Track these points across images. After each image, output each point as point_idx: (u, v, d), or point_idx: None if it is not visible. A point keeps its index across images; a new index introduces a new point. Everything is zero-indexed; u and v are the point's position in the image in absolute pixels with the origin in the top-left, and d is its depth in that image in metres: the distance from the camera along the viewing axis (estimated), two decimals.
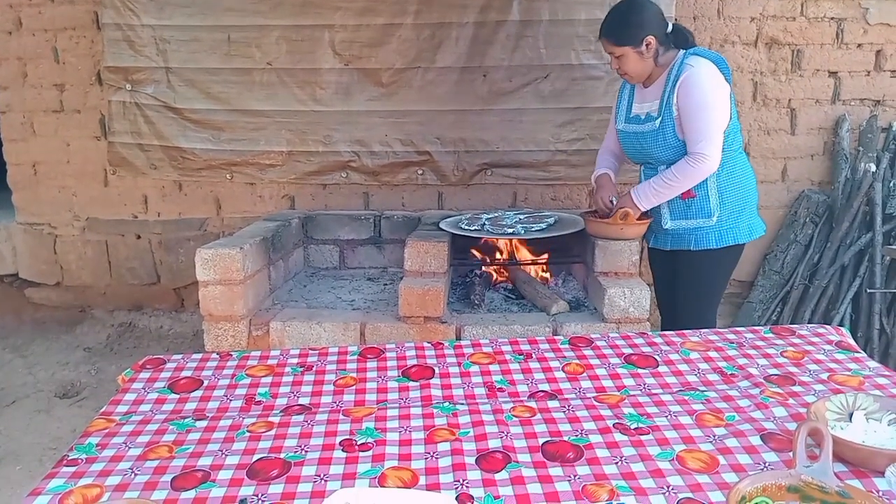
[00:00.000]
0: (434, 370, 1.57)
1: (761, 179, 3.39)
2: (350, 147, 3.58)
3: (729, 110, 2.27)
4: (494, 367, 1.58)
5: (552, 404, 1.39)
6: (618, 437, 1.25)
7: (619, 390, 1.45)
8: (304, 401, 1.44)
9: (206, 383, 1.52)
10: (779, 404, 1.35)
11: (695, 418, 1.31)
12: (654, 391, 1.44)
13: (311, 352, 1.68)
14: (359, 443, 1.25)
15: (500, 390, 1.46)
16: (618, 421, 1.31)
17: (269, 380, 1.54)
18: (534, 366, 1.58)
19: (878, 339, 3.28)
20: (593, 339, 1.72)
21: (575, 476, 1.12)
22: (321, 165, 3.61)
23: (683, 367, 1.55)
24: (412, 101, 3.50)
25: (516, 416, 1.34)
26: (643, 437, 1.24)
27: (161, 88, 3.56)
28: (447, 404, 1.40)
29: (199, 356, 1.66)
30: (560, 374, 1.53)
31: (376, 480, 1.13)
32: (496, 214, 3.08)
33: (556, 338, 1.75)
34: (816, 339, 1.69)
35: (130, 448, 1.25)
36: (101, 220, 3.88)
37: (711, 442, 1.22)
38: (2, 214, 4.05)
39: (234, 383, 1.52)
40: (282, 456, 1.21)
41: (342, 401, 1.43)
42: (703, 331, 1.77)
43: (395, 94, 3.50)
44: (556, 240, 2.90)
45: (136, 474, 1.16)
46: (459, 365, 1.59)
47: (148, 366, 1.61)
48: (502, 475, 1.13)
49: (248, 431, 1.31)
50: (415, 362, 1.61)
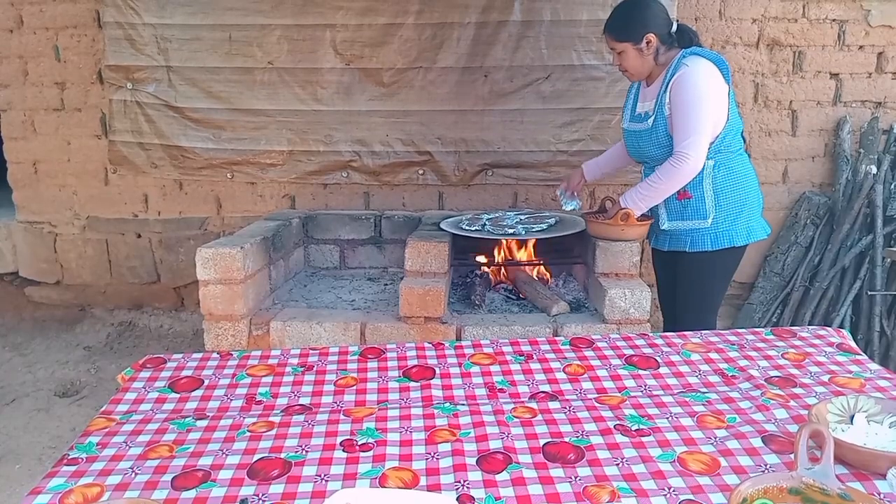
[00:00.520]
0: (435, 370, 1.56)
1: (762, 181, 3.36)
2: (351, 147, 3.58)
3: (725, 111, 2.25)
4: (495, 368, 1.57)
5: (553, 405, 1.39)
6: (619, 438, 1.25)
7: (620, 391, 1.45)
8: (305, 401, 1.44)
9: (206, 383, 1.52)
10: (780, 406, 1.35)
11: (696, 420, 1.31)
12: (655, 392, 1.44)
13: (311, 352, 1.68)
14: (359, 443, 1.25)
15: (501, 391, 1.46)
16: (619, 422, 1.31)
17: (269, 379, 1.54)
18: (535, 366, 1.58)
19: (879, 342, 3.28)
20: (594, 340, 1.72)
21: (576, 477, 1.12)
22: (322, 165, 3.62)
23: (684, 369, 1.55)
24: (413, 101, 3.50)
25: (517, 417, 1.34)
26: (644, 439, 1.24)
27: (162, 87, 3.56)
28: (448, 405, 1.40)
29: (199, 355, 1.66)
30: (561, 375, 1.53)
31: (377, 481, 1.13)
32: (497, 215, 3.08)
33: (557, 339, 1.74)
34: (817, 342, 1.69)
35: (131, 447, 1.25)
36: (101, 219, 3.88)
37: (712, 443, 1.22)
38: (2, 213, 4.05)
39: (235, 383, 1.52)
40: (282, 456, 1.21)
41: (343, 401, 1.43)
42: (704, 332, 1.77)
43: (396, 94, 3.50)
44: (557, 240, 2.90)
45: (136, 474, 1.16)
46: (460, 365, 1.59)
47: (148, 365, 1.61)
48: (503, 476, 1.13)
49: (248, 431, 1.30)
50: (415, 363, 1.61)
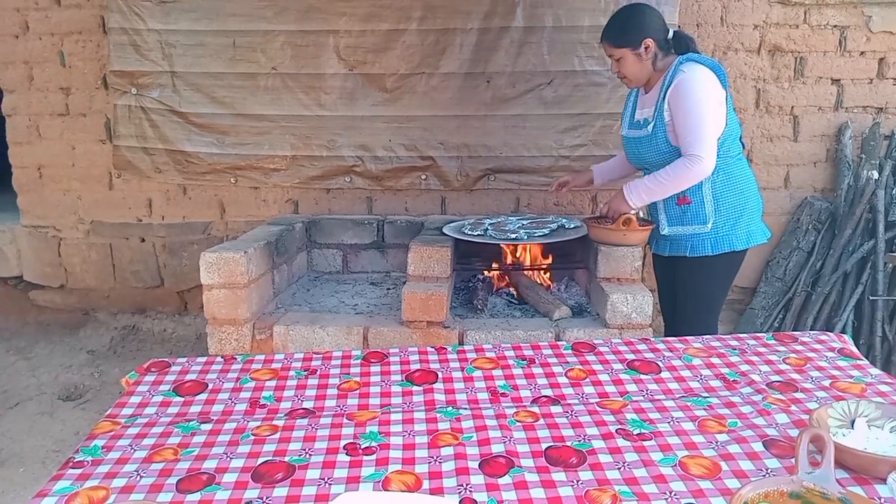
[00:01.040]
0: (437, 375, 1.57)
1: (764, 186, 3.40)
2: (354, 152, 3.59)
3: (724, 115, 2.26)
4: (497, 372, 1.58)
5: (555, 409, 1.39)
6: (620, 442, 1.25)
7: (621, 396, 1.46)
8: (309, 404, 1.44)
9: (210, 386, 1.53)
10: (781, 411, 1.35)
11: (697, 424, 1.31)
12: (656, 397, 1.44)
13: (315, 356, 1.69)
14: (363, 447, 1.26)
15: (504, 395, 1.47)
16: (620, 426, 1.31)
17: (273, 383, 1.55)
18: (537, 371, 1.58)
19: (881, 347, 3.28)
20: (596, 345, 1.73)
21: (578, 481, 1.13)
22: (325, 170, 3.63)
23: (686, 373, 1.55)
24: (416, 107, 3.52)
25: (519, 421, 1.34)
26: (646, 443, 1.25)
27: (166, 92, 3.58)
28: (450, 409, 1.40)
29: (203, 359, 1.67)
30: (563, 380, 1.54)
31: (380, 484, 1.14)
32: (499, 220, 3.09)
33: (559, 343, 1.75)
34: (819, 346, 1.69)
35: (136, 450, 1.26)
36: (105, 224, 3.89)
37: (714, 448, 1.22)
38: (7, 217, 4.07)
39: (239, 386, 1.53)
40: (286, 459, 1.22)
41: (346, 405, 1.44)
42: (705, 337, 1.78)
43: (399, 100, 3.52)
44: (559, 245, 2.90)
45: (141, 476, 1.17)
46: (463, 370, 1.60)
47: (153, 369, 1.62)
48: (505, 480, 1.14)
49: (252, 434, 1.31)
50: (418, 367, 1.62)
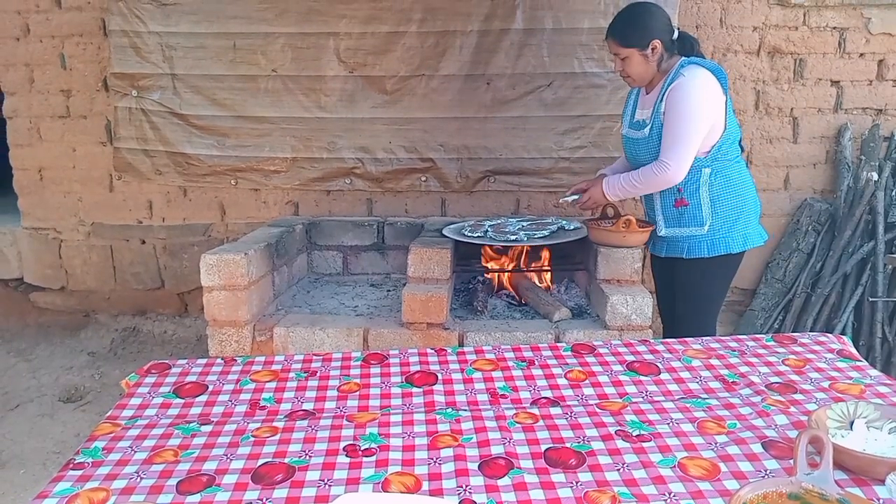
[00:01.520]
0: (437, 376, 1.57)
1: (763, 188, 3.41)
2: (354, 154, 3.60)
3: (722, 119, 2.26)
4: (497, 374, 1.58)
5: (554, 411, 1.39)
6: (620, 443, 1.26)
7: (621, 397, 1.46)
8: (309, 406, 1.45)
9: (210, 388, 1.53)
10: (780, 412, 1.35)
11: (696, 426, 1.32)
12: (656, 398, 1.45)
13: (315, 357, 1.69)
14: (362, 448, 1.26)
15: (503, 397, 1.47)
16: (620, 428, 1.32)
17: (273, 385, 1.55)
18: (536, 372, 1.59)
19: (880, 348, 3.28)
20: (596, 347, 1.73)
21: (577, 482, 1.13)
22: (325, 172, 3.63)
23: (685, 375, 1.56)
24: (416, 109, 3.52)
25: (519, 423, 1.34)
26: (645, 444, 1.25)
27: (167, 95, 3.59)
28: (450, 410, 1.41)
29: (203, 361, 1.67)
30: (562, 381, 1.54)
31: (380, 485, 1.14)
32: (499, 221, 3.09)
33: (559, 345, 1.75)
34: (818, 348, 1.69)
35: (136, 452, 1.26)
36: (106, 226, 3.90)
37: (713, 449, 1.23)
38: (7, 219, 4.07)
39: (239, 388, 1.53)
40: (286, 461, 1.22)
41: (346, 406, 1.44)
42: (704, 338, 1.78)
43: (399, 102, 3.52)
44: (559, 247, 2.91)
45: (141, 478, 1.17)
46: (462, 371, 1.60)
47: (153, 371, 1.62)
48: (505, 481, 1.14)
49: (252, 436, 1.31)
50: (418, 368, 1.62)
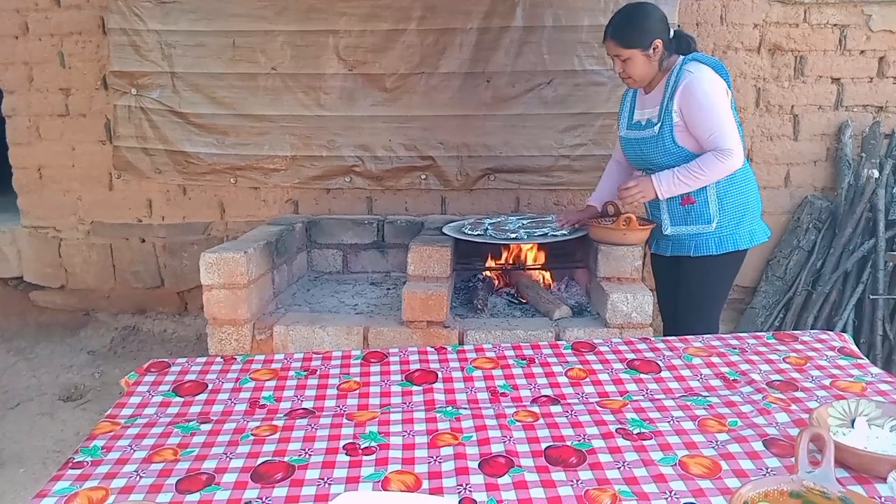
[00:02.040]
0: (437, 375, 1.57)
1: (764, 185, 3.40)
2: (354, 152, 3.59)
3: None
4: (497, 372, 1.58)
5: (555, 409, 1.39)
6: (620, 441, 1.25)
7: (621, 395, 1.46)
8: (308, 404, 1.44)
9: (210, 387, 1.53)
10: (781, 410, 1.35)
11: (697, 423, 1.31)
12: (656, 396, 1.44)
13: (314, 356, 1.69)
14: (362, 447, 1.26)
15: (503, 395, 1.47)
16: (620, 426, 1.31)
17: (273, 383, 1.55)
18: (537, 370, 1.58)
19: (881, 346, 3.28)
20: (596, 345, 1.73)
21: (577, 481, 1.13)
22: (325, 170, 3.63)
23: (686, 373, 1.55)
24: (416, 107, 3.52)
25: (519, 421, 1.34)
26: (646, 442, 1.25)
27: (166, 93, 3.58)
28: (450, 409, 1.40)
29: (203, 360, 1.67)
30: (563, 379, 1.54)
31: (380, 484, 1.14)
32: (499, 219, 3.09)
33: (559, 343, 1.75)
34: (819, 346, 1.69)
35: (135, 451, 1.26)
36: (105, 224, 3.89)
37: (714, 447, 1.22)
38: (7, 218, 4.07)
39: (239, 387, 1.53)
40: (286, 459, 1.22)
41: (346, 405, 1.44)
42: (705, 336, 1.78)
43: (398, 100, 3.52)
44: (559, 245, 2.90)
45: (140, 477, 1.17)
46: (462, 369, 1.60)
47: (152, 369, 1.62)
48: (505, 479, 1.14)
49: (252, 435, 1.31)
50: (418, 367, 1.62)
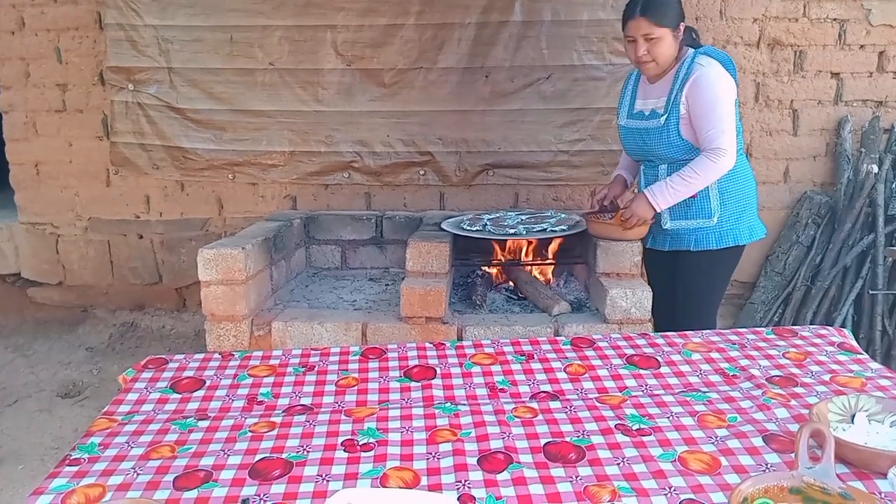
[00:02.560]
0: (436, 371, 1.57)
1: (763, 180, 3.40)
2: (352, 147, 3.58)
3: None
4: (496, 368, 1.58)
5: (554, 405, 1.39)
6: (619, 437, 1.25)
7: (620, 391, 1.45)
8: (307, 401, 1.44)
9: (208, 383, 1.53)
10: (781, 405, 1.35)
11: (697, 419, 1.31)
12: (655, 392, 1.44)
13: (313, 352, 1.68)
14: (360, 443, 1.25)
15: (502, 391, 1.47)
16: (619, 422, 1.31)
17: (271, 380, 1.54)
18: (535, 366, 1.58)
19: (881, 341, 3.28)
20: (595, 340, 1.72)
21: (577, 477, 1.13)
22: (323, 166, 3.62)
23: (685, 368, 1.55)
24: (414, 102, 3.51)
25: (518, 417, 1.34)
26: (645, 438, 1.24)
27: (163, 88, 3.57)
28: (449, 405, 1.40)
29: (201, 356, 1.66)
30: (562, 375, 1.53)
31: (378, 481, 1.13)
32: (498, 215, 3.08)
33: (558, 338, 1.75)
34: (818, 341, 1.69)
35: (133, 448, 1.26)
36: (103, 220, 3.88)
37: (713, 443, 1.22)
38: (4, 214, 4.06)
39: (237, 383, 1.53)
40: (284, 456, 1.21)
41: (344, 401, 1.44)
42: (705, 332, 1.77)
43: (397, 95, 3.51)
44: (558, 240, 2.89)
45: (138, 474, 1.17)
46: (461, 365, 1.59)
47: (150, 366, 1.61)
48: (504, 476, 1.13)
49: (250, 431, 1.31)
50: (416, 363, 1.61)
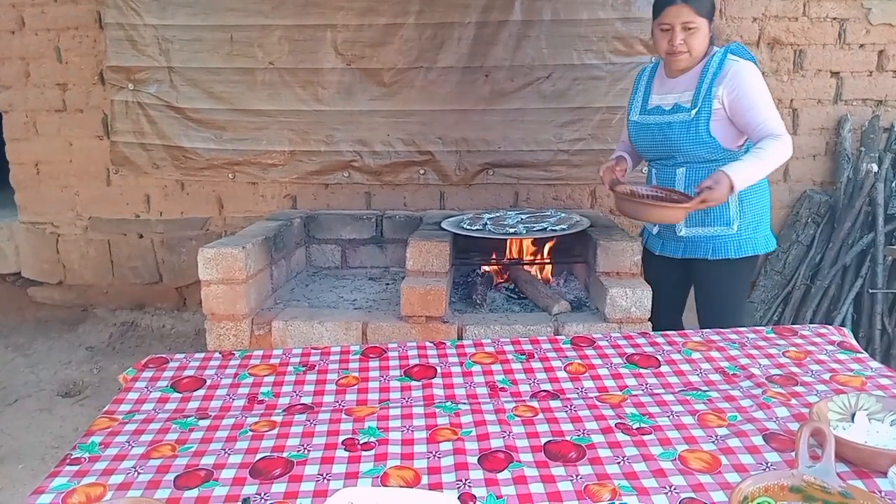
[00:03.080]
0: (436, 370, 1.57)
1: None
2: (352, 147, 3.58)
3: None
4: (496, 367, 1.58)
5: (554, 404, 1.39)
6: (620, 436, 1.25)
7: (621, 390, 1.45)
8: (307, 400, 1.44)
9: (208, 382, 1.53)
10: (781, 404, 1.35)
11: (697, 418, 1.31)
12: (656, 391, 1.44)
13: (313, 351, 1.68)
14: (361, 442, 1.25)
15: (503, 390, 1.47)
16: (620, 421, 1.31)
17: (271, 379, 1.54)
18: (536, 365, 1.58)
19: (880, 340, 3.28)
20: (595, 339, 1.72)
21: (577, 476, 1.13)
22: (323, 165, 3.62)
23: (685, 367, 1.55)
24: (414, 101, 3.51)
25: (518, 416, 1.34)
26: (645, 437, 1.24)
27: (163, 88, 3.57)
28: (449, 404, 1.40)
29: (201, 355, 1.66)
30: (562, 374, 1.53)
31: (379, 480, 1.13)
32: (498, 214, 3.08)
33: (558, 337, 1.75)
34: (818, 340, 1.69)
35: (133, 447, 1.26)
36: (103, 220, 3.89)
37: (713, 442, 1.22)
38: (5, 213, 4.06)
39: (237, 382, 1.53)
40: (284, 455, 1.21)
41: (344, 400, 1.43)
42: (704, 331, 1.77)
43: (396, 94, 3.51)
44: (558, 239, 2.89)
45: (138, 473, 1.17)
46: (461, 364, 1.59)
47: (150, 365, 1.61)
48: (504, 475, 1.13)
49: (250, 430, 1.31)
50: (417, 362, 1.61)
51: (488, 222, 2.92)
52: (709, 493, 1.07)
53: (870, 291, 3.29)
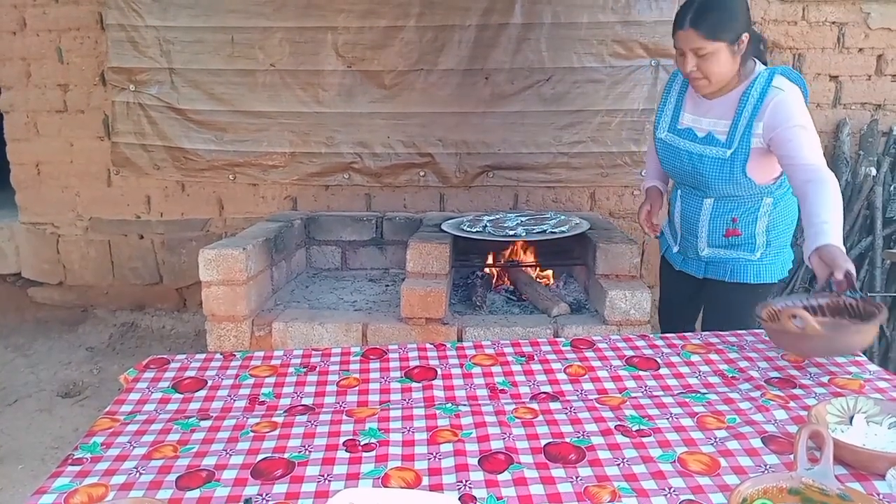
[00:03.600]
0: (436, 371, 1.57)
1: None
2: (352, 148, 3.59)
3: None
4: (496, 369, 1.58)
5: (554, 406, 1.39)
6: (619, 438, 1.26)
7: (620, 392, 1.46)
8: (308, 401, 1.45)
9: (210, 383, 1.53)
10: (780, 407, 1.35)
11: (696, 420, 1.32)
12: (655, 393, 1.45)
13: (314, 352, 1.69)
14: (362, 443, 1.26)
15: (503, 391, 1.47)
16: (619, 423, 1.32)
17: (272, 380, 1.55)
18: (535, 367, 1.59)
19: (878, 343, 3.28)
20: (595, 341, 1.73)
21: (577, 477, 1.13)
22: (323, 167, 3.63)
23: (685, 370, 1.56)
24: (414, 104, 3.52)
25: (518, 418, 1.34)
26: (644, 439, 1.25)
27: (164, 89, 3.58)
28: (450, 405, 1.41)
29: (202, 356, 1.67)
30: (562, 376, 1.54)
31: (379, 481, 1.14)
32: (498, 216, 3.09)
33: (558, 339, 1.75)
34: None
35: (135, 447, 1.26)
36: (103, 220, 3.89)
37: (713, 444, 1.23)
38: (5, 214, 4.06)
39: (238, 383, 1.53)
40: (286, 456, 1.22)
41: (345, 401, 1.44)
42: (704, 333, 1.78)
43: (397, 97, 3.52)
44: (558, 242, 2.90)
45: (140, 473, 1.17)
46: (462, 366, 1.60)
47: (152, 366, 1.62)
48: (505, 476, 1.14)
49: (252, 431, 1.31)
50: (417, 363, 1.62)
51: (488, 224, 2.93)
52: (708, 495, 1.07)
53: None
